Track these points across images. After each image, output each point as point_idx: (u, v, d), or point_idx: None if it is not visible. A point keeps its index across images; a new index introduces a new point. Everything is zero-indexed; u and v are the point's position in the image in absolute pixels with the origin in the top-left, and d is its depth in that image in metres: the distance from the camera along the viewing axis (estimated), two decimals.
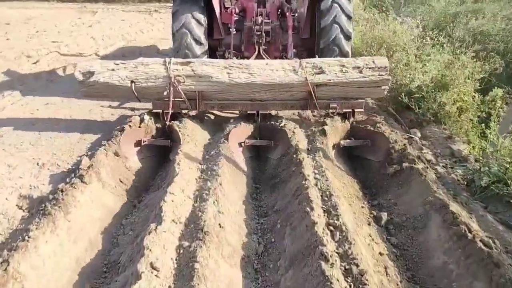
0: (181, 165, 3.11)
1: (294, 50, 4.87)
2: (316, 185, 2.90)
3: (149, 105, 4.02)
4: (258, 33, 4.75)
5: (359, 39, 6.56)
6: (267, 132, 3.88)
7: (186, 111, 3.92)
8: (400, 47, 5.36)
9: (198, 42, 4.55)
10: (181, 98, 3.75)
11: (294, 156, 3.39)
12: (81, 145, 3.85)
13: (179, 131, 3.65)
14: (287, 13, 4.91)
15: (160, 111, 3.80)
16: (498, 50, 5.51)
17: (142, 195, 3.30)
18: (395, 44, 5.53)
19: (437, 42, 5.07)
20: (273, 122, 3.93)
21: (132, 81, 3.70)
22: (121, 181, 3.28)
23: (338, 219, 2.49)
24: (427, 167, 3.28)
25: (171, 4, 4.76)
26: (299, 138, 3.66)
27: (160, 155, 3.77)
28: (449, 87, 4.27)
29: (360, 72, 3.72)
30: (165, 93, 3.70)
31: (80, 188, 2.84)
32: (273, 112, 4.15)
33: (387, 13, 6.80)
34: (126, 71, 3.74)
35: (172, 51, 4.79)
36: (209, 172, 3.13)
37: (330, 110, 3.85)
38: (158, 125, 3.81)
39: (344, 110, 3.88)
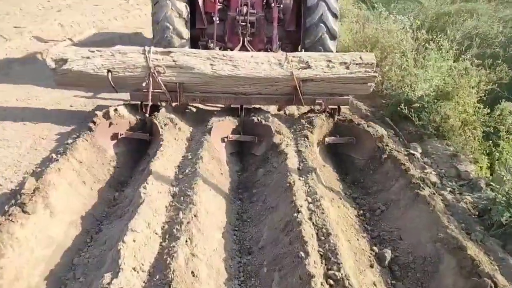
0: (148, 190, 2.59)
1: (279, 42, 4.64)
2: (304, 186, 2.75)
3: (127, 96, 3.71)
4: (243, 23, 4.50)
5: (350, 38, 6.03)
6: (251, 128, 3.68)
7: (166, 103, 3.71)
8: (396, 49, 4.95)
9: (180, 36, 4.29)
10: (161, 89, 3.54)
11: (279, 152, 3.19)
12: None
13: (159, 124, 3.45)
14: (273, 4, 4.65)
15: (139, 102, 3.59)
16: (498, 54, 5.18)
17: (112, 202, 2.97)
18: (389, 45, 5.09)
19: (438, 45, 4.62)
20: (257, 118, 3.66)
21: (108, 70, 3.46)
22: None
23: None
24: (434, 193, 2.87)
25: None
26: (284, 135, 3.48)
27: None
28: (452, 97, 3.88)
29: (347, 68, 3.63)
30: (144, 84, 3.48)
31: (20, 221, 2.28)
32: (257, 107, 3.88)
33: (379, 10, 6.33)
34: (102, 60, 3.48)
35: (151, 41, 4.51)
36: (184, 186, 2.78)
37: (316, 106, 3.74)
38: (137, 117, 3.59)
39: (330, 107, 3.76)
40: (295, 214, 2.43)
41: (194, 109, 4.23)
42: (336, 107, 3.76)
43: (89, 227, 2.66)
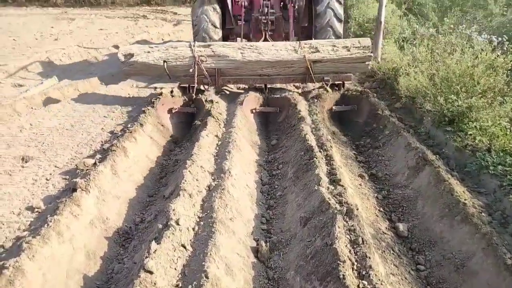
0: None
1: (295, 37, 5.70)
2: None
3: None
4: (265, 21, 5.53)
5: (425, 75, 4.27)
6: (274, 102, 4.68)
7: (207, 86, 4.69)
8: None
9: (214, 26, 5.38)
10: (204, 74, 4.52)
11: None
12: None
13: (203, 98, 4.45)
14: (289, 5, 5.71)
15: (187, 85, 4.59)
16: None
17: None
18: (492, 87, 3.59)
19: None
20: (279, 94, 4.71)
21: (164, 61, 4.45)
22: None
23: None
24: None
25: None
26: (301, 104, 4.45)
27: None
28: None
29: (348, 50, 4.53)
30: (190, 70, 4.47)
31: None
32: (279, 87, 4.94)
33: (455, 29, 5.03)
34: (159, 53, 4.51)
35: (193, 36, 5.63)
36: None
37: (324, 83, 4.65)
38: (185, 97, 4.62)
39: (336, 82, 4.69)
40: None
41: (228, 92, 5.19)
42: (341, 82, 4.70)
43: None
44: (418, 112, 4.40)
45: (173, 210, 2.45)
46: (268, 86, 4.81)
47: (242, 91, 5.11)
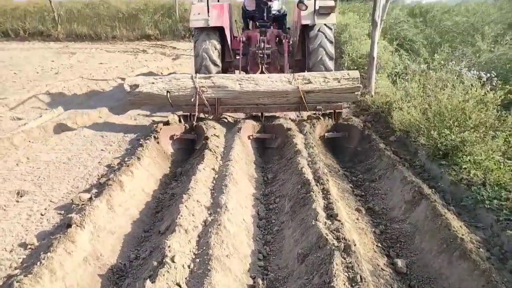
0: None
1: (289, 69, 6.04)
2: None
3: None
4: (261, 55, 5.91)
5: (418, 110, 4.37)
6: (270, 129, 4.95)
7: (207, 114, 5.01)
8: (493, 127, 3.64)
9: (214, 64, 5.74)
10: (204, 103, 4.82)
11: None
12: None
13: (204, 127, 4.72)
14: (284, 41, 6.12)
15: (188, 113, 4.90)
16: None
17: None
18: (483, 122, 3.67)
19: None
20: (274, 122, 5.01)
21: (167, 91, 4.75)
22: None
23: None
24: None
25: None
26: (294, 132, 4.66)
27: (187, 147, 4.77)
28: None
29: (339, 82, 4.84)
30: (192, 99, 4.77)
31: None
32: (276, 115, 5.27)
33: (445, 64, 5.13)
34: (163, 84, 4.80)
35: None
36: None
37: (317, 111, 5.00)
38: (187, 125, 4.86)
39: (328, 111, 5.04)
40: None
41: (226, 120, 5.48)
42: (333, 111, 5.01)
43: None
44: (412, 145, 4.46)
45: (169, 246, 2.42)
46: (265, 114, 5.11)
47: (241, 118, 5.33)
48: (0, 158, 4.21)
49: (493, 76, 4.29)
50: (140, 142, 4.40)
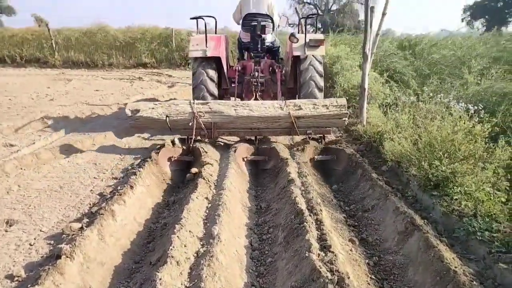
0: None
1: (282, 97, 6.44)
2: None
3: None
4: (255, 83, 6.27)
5: (409, 141, 4.41)
6: (263, 151, 5.21)
7: (204, 137, 5.26)
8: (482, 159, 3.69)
9: (211, 95, 6.04)
10: (201, 127, 5.10)
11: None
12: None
13: (201, 149, 4.95)
14: (277, 70, 6.56)
15: (186, 136, 5.15)
16: None
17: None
18: (471, 154, 3.75)
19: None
20: (266, 145, 5.33)
21: (167, 116, 5.03)
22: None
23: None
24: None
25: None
26: (285, 154, 4.97)
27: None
28: None
29: (327, 108, 5.18)
30: (190, 124, 5.05)
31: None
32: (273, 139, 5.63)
33: (434, 96, 5.12)
34: (162, 109, 5.09)
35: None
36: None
37: (307, 136, 5.33)
38: (184, 147, 5.11)
39: (317, 135, 5.38)
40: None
41: (222, 143, 5.72)
42: (322, 135, 5.38)
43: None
44: (404, 175, 4.51)
45: (160, 279, 2.37)
46: (258, 137, 5.46)
47: (235, 142, 5.55)
48: None
49: (480, 108, 4.42)
50: (134, 170, 4.39)
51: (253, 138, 5.45)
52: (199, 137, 5.23)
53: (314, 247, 2.82)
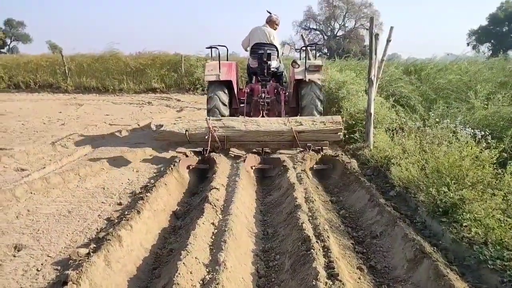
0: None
1: (286, 114, 7.17)
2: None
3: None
4: (262, 103, 7.26)
5: (416, 167, 4.43)
6: (268, 161, 5.99)
7: (218, 149, 6.11)
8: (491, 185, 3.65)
9: (223, 116, 6.88)
10: (215, 140, 6.02)
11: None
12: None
13: (215, 158, 5.76)
14: (281, 92, 7.49)
15: (202, 148, 6.02)
16: None
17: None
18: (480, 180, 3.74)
19: None
20: (272, 155, 6.26)
21: (186, 130, 6.03)
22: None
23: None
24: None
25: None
26: (288, 163, 5.60)
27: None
28: None
29: (324, 124, 6.11)
30: (206, 137, 5.98)
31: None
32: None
33: (440, 121, 5.12)
34: (182, 124, 6.18)
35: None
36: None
37: (307, 147, 6.05)
38: (200, 157, 5.95)
39: (316, 148, 6.10)
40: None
41: (233, 154, 6.50)
42: (320, 147, 6.10)
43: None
44: (412, 201, 4.47)
45: None
46: (264, 149, 6.29)
47: (244, 154, 6.28)
48: (0, 210, 4.22)
49: (487, 133, 4.41)
50: (141, 195, 4.43)
51: (260, 149, 6.26)
52: (216, 149, 6.07)
53: (321, 275, 2.78)
